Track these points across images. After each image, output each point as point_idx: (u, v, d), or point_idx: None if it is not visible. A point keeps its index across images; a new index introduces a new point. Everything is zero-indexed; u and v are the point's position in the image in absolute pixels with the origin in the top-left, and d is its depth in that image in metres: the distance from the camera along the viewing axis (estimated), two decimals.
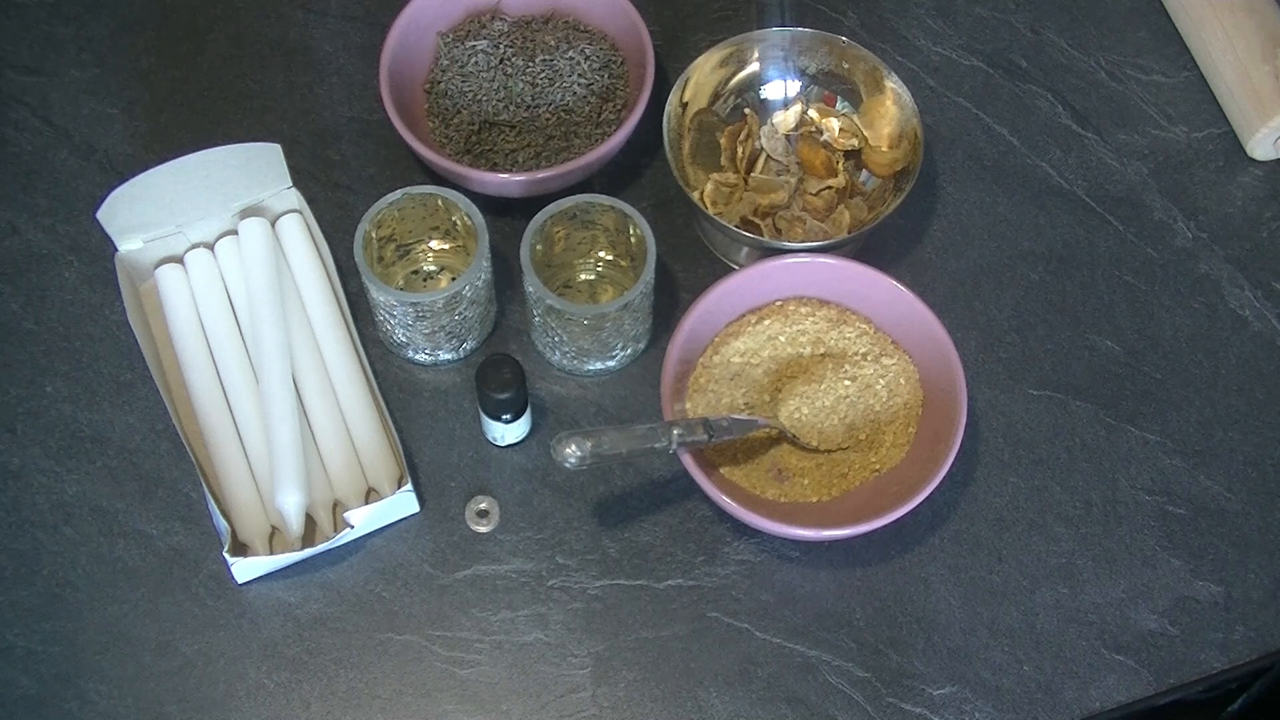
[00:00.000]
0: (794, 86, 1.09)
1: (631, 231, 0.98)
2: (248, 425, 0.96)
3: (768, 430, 0.97)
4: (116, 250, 1.00)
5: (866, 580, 0.95)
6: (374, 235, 0.97)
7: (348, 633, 0.93)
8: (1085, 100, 1.14)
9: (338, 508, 0.96)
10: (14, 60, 1.13)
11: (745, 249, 1.04)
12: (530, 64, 1.08)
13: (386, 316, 0.97)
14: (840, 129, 1.07)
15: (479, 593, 0.94)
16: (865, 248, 1.05)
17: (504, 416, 0.95)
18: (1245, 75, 1.10)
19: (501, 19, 1.11)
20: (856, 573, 0.96)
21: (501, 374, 0.93)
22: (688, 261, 1.06)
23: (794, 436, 0.97)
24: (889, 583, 0.95)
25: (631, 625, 0.94)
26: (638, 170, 1.09)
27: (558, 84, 1.08)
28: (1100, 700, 0.92)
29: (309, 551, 0.92)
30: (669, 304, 1.04)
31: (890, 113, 1.05)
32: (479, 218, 0.96)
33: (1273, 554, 0.97)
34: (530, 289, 0.96)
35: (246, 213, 1.02)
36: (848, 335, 1.00)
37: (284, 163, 1.00)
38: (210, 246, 1.02)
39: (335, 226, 1.05)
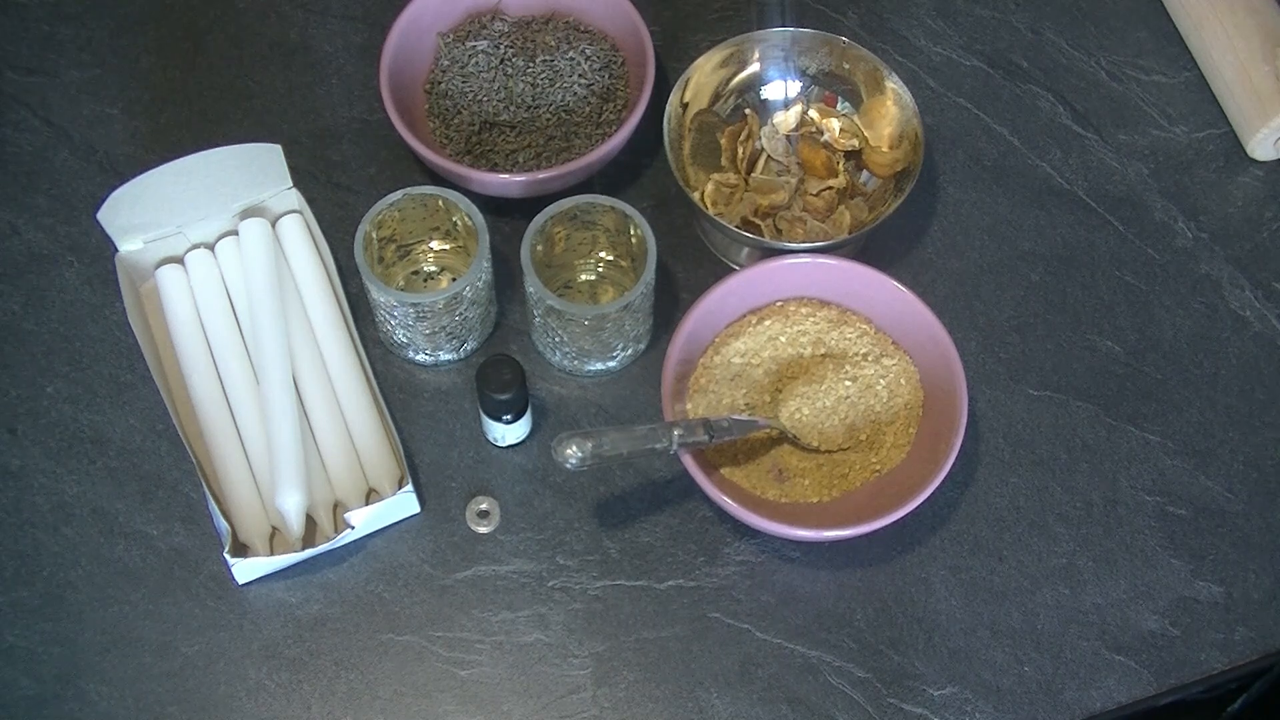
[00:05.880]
0: (794, 87, 1.09)
1: (632, 232, 0.98)
2: (248, 426, 0.96)
3: (768, 431, 0.97)
4: (116, 250, 1.00)
5: (867, 581, 0.95)
6: (374, 236, 0.97)
7: (348, 633, 0.93)
8: (1085, 100, 1.14)
9: (338, 508, 0.96)
10: (14, 60, 1.13)
11: (745, 249, 1.04)
12: (530, 64, 1.08)
13: (387, 317, 0.97)
14: (840, 129, 1.07)
15: (479, 593, 0.94)
16: (865, 248, 1.05)
17: (504, 417, 0.95)
18: (1245, 75, 1.10)
19: (502, 19, 1.11)
20: (857, 573, 0.96)
21: (502, 374, 0.93)
22: (688, 262, 1.06)
23: (794, 437, 0.97)
24: (889, 583, 0.95)
25: (632, 626, 0.94)
26: (638, 170, 1.09)
27: (558, 84, 1.08)
28: (1101, 701, 0.92)
29: (309, 552, 0.92)
30: (669, 304, 1.04)
31: (890, 113, 1.05)
32: (479, 218, 0.96)
33: (1273, 554, 0.97)
34: (530, 289, 0.96)
35: (247, 213, 1.02)
36: (848, 336, 1.00)
37: (284, 163, 1.00)
38: (210, 247, 1.02)
39: (335, 227, 1.05)
